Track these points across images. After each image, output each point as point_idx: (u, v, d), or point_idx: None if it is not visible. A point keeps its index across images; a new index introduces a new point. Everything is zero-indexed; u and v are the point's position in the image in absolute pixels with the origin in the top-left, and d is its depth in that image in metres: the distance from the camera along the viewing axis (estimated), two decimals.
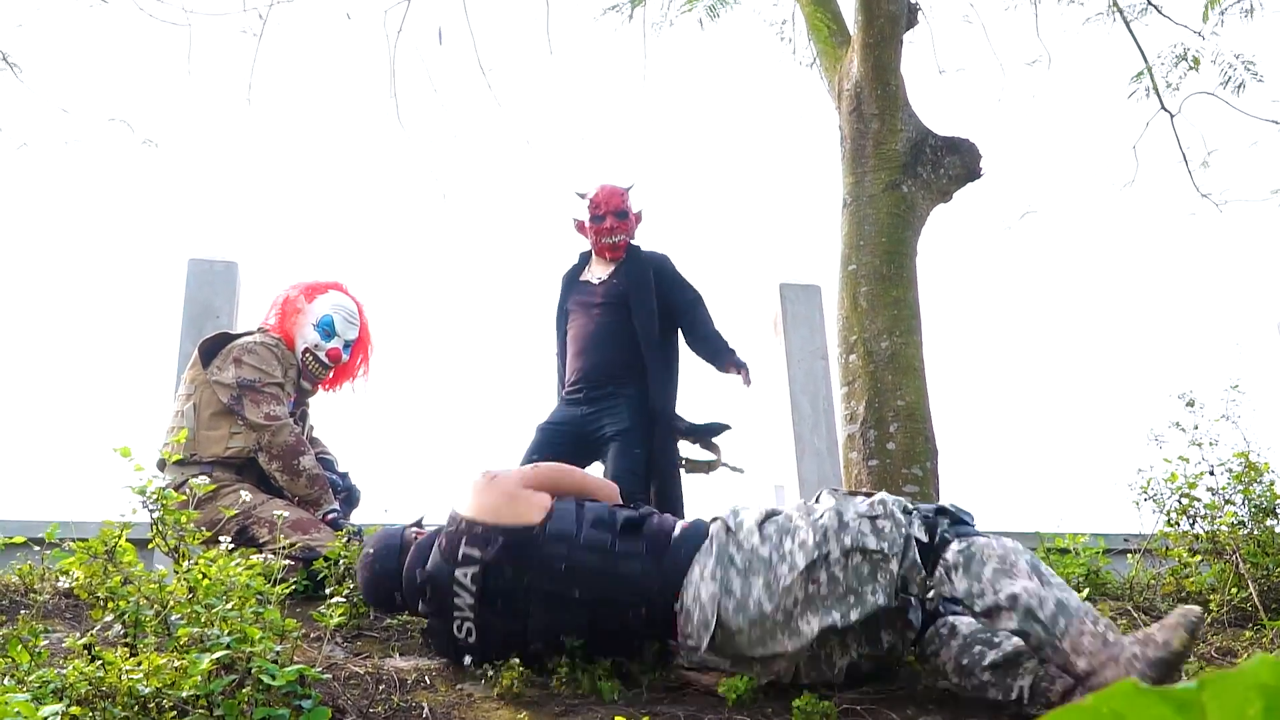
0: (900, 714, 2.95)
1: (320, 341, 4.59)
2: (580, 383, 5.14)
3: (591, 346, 5.18)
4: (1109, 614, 3.76)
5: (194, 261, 6.49)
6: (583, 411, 5.07)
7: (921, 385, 5.36)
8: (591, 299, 5.29)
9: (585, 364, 5.16)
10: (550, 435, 5.05)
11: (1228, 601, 3.86)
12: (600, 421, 5.03)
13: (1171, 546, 4.15)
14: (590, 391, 5.10)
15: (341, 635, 3.42)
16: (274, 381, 4.40)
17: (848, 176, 5.84)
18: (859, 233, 5.65)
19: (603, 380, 5.11)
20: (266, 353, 4.47)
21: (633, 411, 5.05)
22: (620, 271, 5.33)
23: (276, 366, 4.45)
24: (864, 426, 5.26)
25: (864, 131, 5.83)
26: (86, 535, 3.49)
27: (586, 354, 5.18)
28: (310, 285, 4.73)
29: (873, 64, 5.86)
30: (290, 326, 4.63)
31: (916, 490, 5.08)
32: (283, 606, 3.27)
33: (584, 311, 5.27)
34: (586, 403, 5.08)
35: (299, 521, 4.17)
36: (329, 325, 4.60)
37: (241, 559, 3.02)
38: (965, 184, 5.93)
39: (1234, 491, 4.00)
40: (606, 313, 5.23)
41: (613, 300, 5.25)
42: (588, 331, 5.22)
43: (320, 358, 4.59)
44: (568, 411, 5.14)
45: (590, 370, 5.14)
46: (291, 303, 4.67)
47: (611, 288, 5.29)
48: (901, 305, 5.47)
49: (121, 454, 3.08)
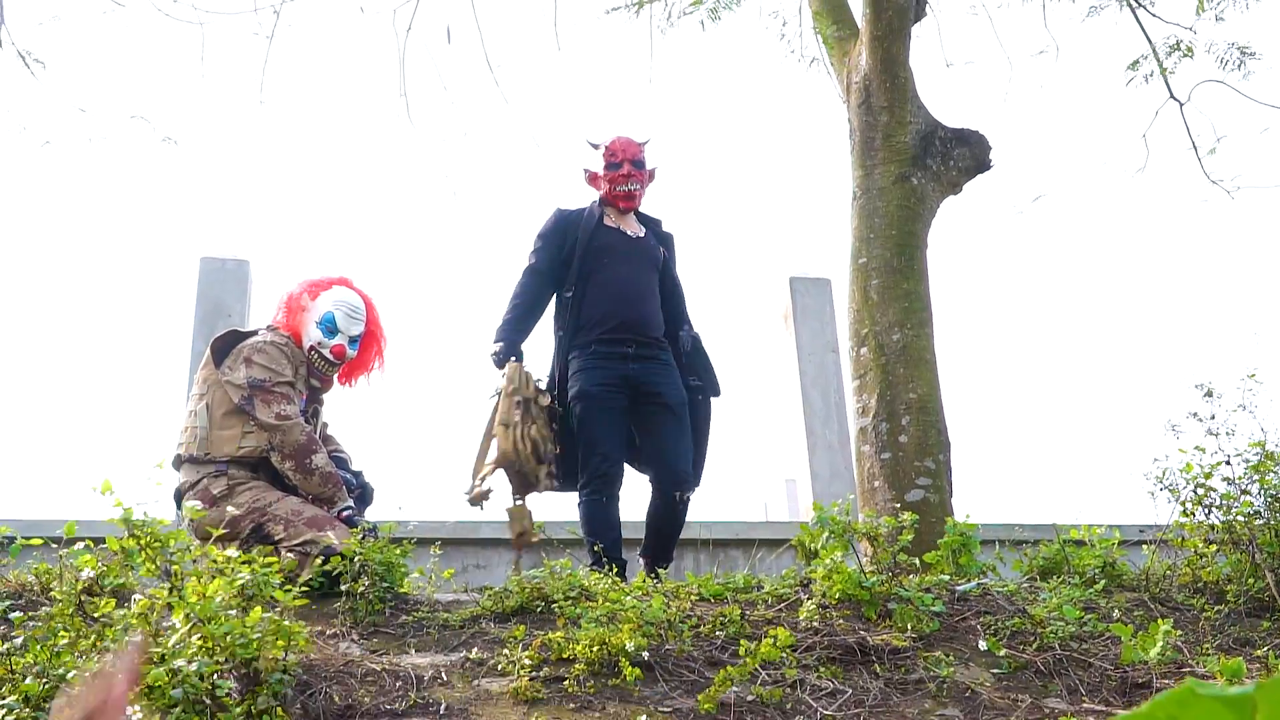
0: (918, 708, 2.96)
1: (323, 339, 4.57)
2: (626, 334, 4.78)
3: (636, 298, 4.86)
4: (1124, 605, 3.76)
5: (206, 259, 6.52)
6: (632, 369, 4.73)
7: (933, 378, 5.36)
8: (632, 249, 4.96)
9: (631, 315, 4.81)
10: (607, 402, 4.68)
11: (1244, 592, 3.85)
12: (653, 382, 4.74)
13: (1187, 537, 4.14)
14: (640, 349, 4.78)
15: (358, 632, 3.42)
16: (284, 380, 4.40)
17: (857, 169, 5.83)
18: (869, 225, 5.64)
19: (650, 338, 4.83)
20: (276, 351, 4.47)
21: (681, 382, 4.83)
22: (652, 232, 5.08)
23: (286, 365, 4.45)
24: (876, 419, 5.26)
25: (873, 124, 5.82)
26: (100, 534, 3.51)
27: (631, 305, 4.83)
28: (315, 282, 4.72)
29: (881, 57, 5.85)
30: (296, 324, 4.63)
31: (929, 483, 5.08)
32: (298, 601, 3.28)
33: (623, 260, 4.92)
34: (635, 360, 4.75)
35: (315, 519, 4.17)
36: (331, 322, 4.60)
37: (251, 561, 3.03)
38: (975, 175, 5.93)
39: (1250, 481, 3.99)
40: (647, 269, 4.95)
41: (652, 261, 4.98)
42: (629, 279, 4.88)
43: (325, 355, 4.58)
44: (612, 368, 4.73)
45: (638, 323, 4.81)
46: (296, 300, 4.67)
47: (649, 246, 5.02)
48: (912, 298, 5.46)
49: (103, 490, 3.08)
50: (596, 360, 4.73)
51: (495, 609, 3.57)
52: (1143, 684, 3.16)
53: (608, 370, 4.70)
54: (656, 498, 4.70)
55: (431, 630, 3.44)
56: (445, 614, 3.54)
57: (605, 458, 4.59)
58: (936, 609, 3.59)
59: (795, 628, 3.43)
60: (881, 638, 3.39)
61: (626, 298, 4.81)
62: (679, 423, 4.72)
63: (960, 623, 3.58)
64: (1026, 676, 3.25)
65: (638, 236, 4.99)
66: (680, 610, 3.44)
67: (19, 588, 3.59)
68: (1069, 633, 3.41)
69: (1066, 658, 3.32)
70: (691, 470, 4.71)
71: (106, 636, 2.80)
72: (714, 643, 3.34)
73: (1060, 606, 3.55)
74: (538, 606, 3.59)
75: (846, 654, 3.30)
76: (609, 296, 4.80)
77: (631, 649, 3.10)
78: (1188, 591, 4.00)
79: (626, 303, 4.80)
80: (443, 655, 3.30)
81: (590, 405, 4.67)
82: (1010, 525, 5.91)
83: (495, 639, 3.35)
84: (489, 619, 3.52)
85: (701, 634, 3.39)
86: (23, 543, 3.56)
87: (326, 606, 3.60)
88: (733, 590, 3.82)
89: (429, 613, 3.55)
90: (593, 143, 5.05)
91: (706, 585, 3.84)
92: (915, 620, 3.48)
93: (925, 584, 3.85)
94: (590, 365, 4.73)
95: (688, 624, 3.39)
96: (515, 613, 3.57)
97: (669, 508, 4.66)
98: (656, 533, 4.72)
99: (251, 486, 4.23)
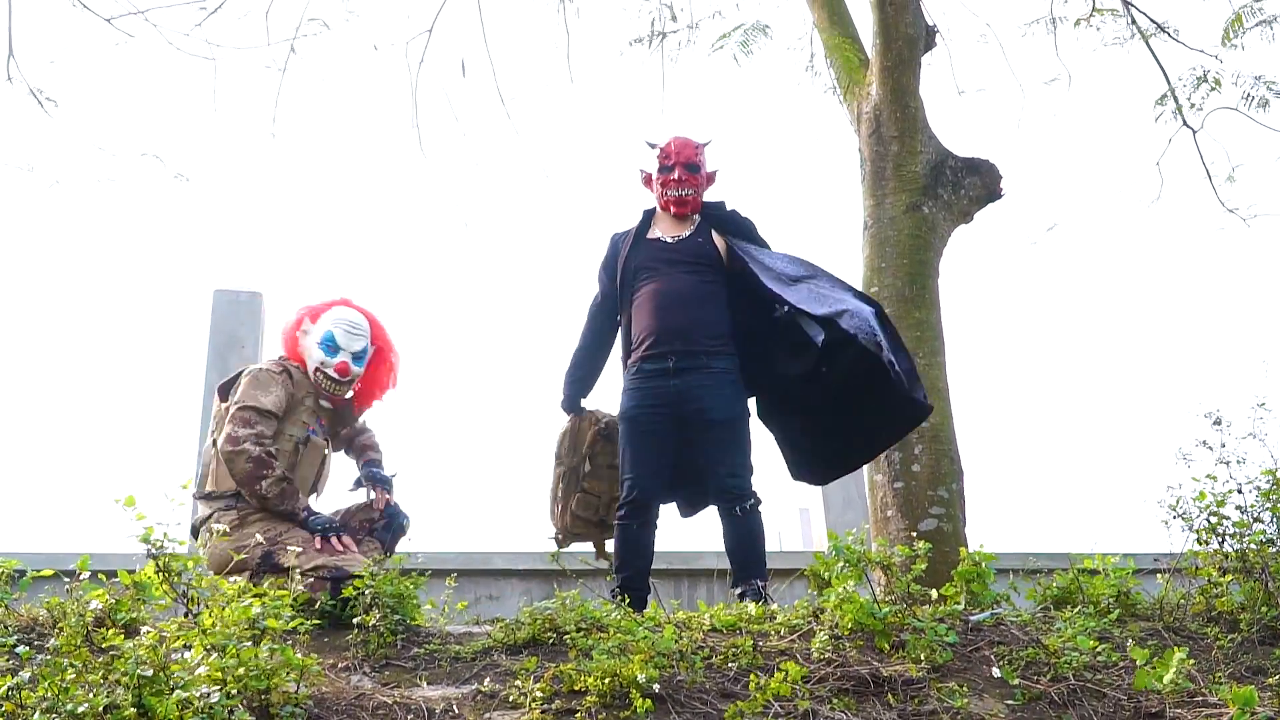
0: None
1: (326, 358, 4.57)
2: (664, 347, 4.61)
3: (676, 306, 4.65)
4: (1139, 634, 3.74)
5: (219, 292, 6.55)
6: (673, 385, 4.56)
7: (945, 406, 5.35)
8: (670, 255, 4.78)
9: (669, 325, 4.62)
10: (647, 426, 4.58)
11: (1258, 620, 3.83)
12: (698, 396, 4.55)
13: (1201, 565, 4.12)
14: (680, 360, 4.57)
15: (369, 665, 3.42)
16: (251, 406, 4.37)
17: (868, 199, 5.85)
18: (880, 255, 5.65)
19: (693, 347, 4.60)
20: (267, 376, 4.47)
21: (737, 393, 4.65)
22: (704, 229, 4.86)
23: (274, 389, 4.43)
24: (888, 448, 5.25)
25: (884, 154, 5.84)
26: (112, 567, 3.51)
27: (669, 314, 4.64)
28: (313, 307, 4.73)
29: (891, 87, 5.87)
30: (299, 351, 4.65)
31: (942, 512, 5.06)
32: (307, 638, 3.29)
33: (660, 270, 4.74)
34: (676, 374, 4.57)
35: (328, 545, 4.18)
36: (331, 340, 4.59)
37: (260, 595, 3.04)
38: (986, 204, 5.94)
39: (1262, 509, 3.97)
40: (691, 272, 4.73)
41: (697, 260, 4.77)
42: (670, 290, 4.69)
43: (329, 374, 4.57)
44: (652, 388, 4.60)
45: (677, 333, 4.61)
46: (296, 326, 4.69)
47: (696, 246, 4.80)
48: (924, 326, 5.47)
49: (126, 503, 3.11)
50: (639, 379, 4.66)
51: (507, 641, 3.56)
52: (1156, 713, 3.14)
53: (648, 390, 4.62)
54: (721, 518, 4.59)
55: (443, 663, 3.43)
56: (457, 646, 3.53)
57: (635, 484, 4.54)
58: (950, 639, 3.57)
59: (808, 658, 3.41)
60: (895, 668, 3.37)
61: (665, 308, 4.66)
62: (728, 435, 4.58)
63: (974, 653, 3.56)
64: (1040, 707, 3.23)
65: (679, 239, 4.83)
66: (692, 641, 3.43)
67: (29, 622, 3.59)
68: (1083, 663, 3.38)
69: (1081, 688, 3.29)
70: (747, 481, 4.56)
71: (116, 669, 2.80)
72: (726, 674, 3.32)
73: (1074, 636, 3.53)
74: (549, 638, 3.58)
75: (860, 685, 3.28)
76: (647, 311, 4.69)
77: (643, 680, 3.09)
78: (1202, 620, 3.97)
79: (665, 312, 4.65)
80: (454, 688, 3.30)
81: (628, 429, 4.63)
82: (1024, 554, 5.88)
83: (507, 671, 3.34)
84: (500, 651, 3.51)
85: (714, 665, 3.37)
86: (34, 575, 3.56)
87: (338, 639, 3.60)
88: (745, 620, 3.80)
89: (440, 645, 3.55)
90: (650, 143, 4.94)
91: (719, 615, 3.82)
92: (929, 651, 3.46)
93: (939, 614, 3.83)
94: (632, 386, 4.68)
95: (700, 655, 3.37)
96: (527, 645, 3.56)
97: (733, 524, 4.52)
98: (731, 554, 4.56)
99: (262, 517, 4.24)
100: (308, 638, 3.47)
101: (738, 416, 4.63)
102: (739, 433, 4.62)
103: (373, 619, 3.52)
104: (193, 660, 2.84)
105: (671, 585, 6.29)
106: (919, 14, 6.02)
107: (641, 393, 4.64)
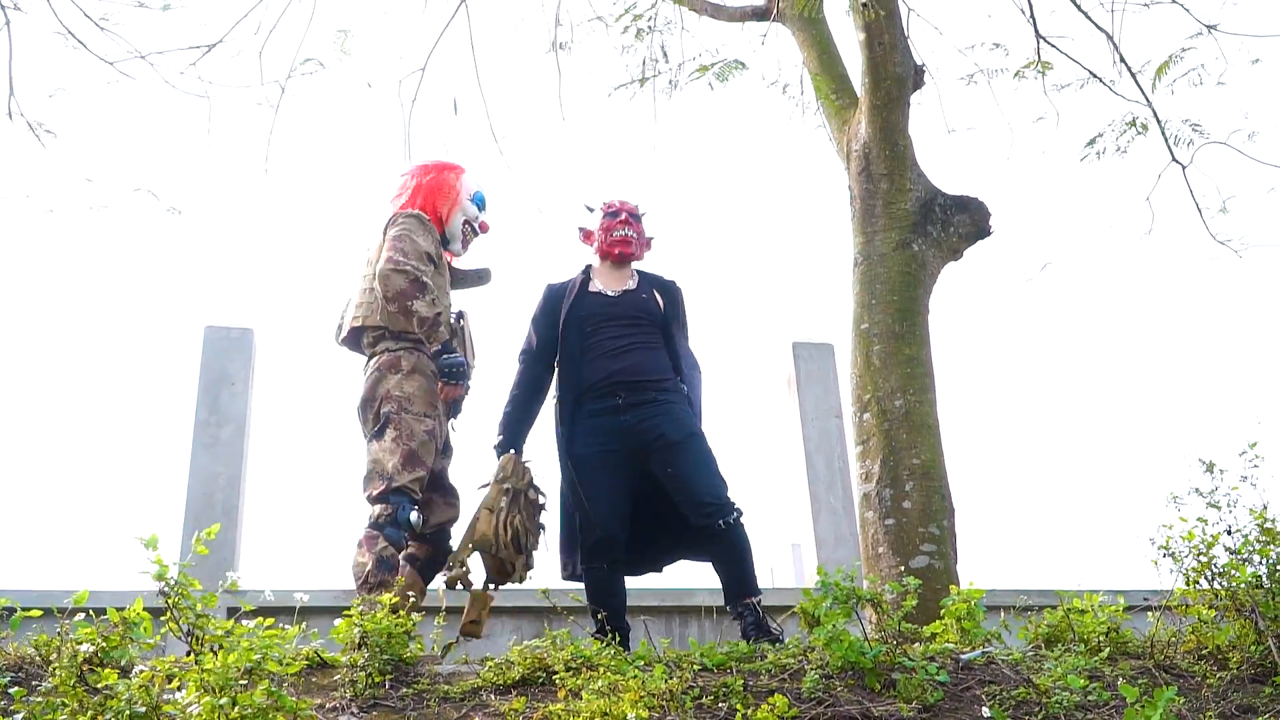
0: None
1: (479, 214, 5.00)
2: (614, 386, 4.69)
3: (621, 353, 4.75)
4: (1129, 672, 3.73)
5: (210, 328, 6.54)
6: (624, 421, 4.64)
7: (936, 443, 5.36)
8: (611, 310, 4.87)
9: (614, 368, 4.70)
10: (599, 462, 4.62)
11: (1247, 658, 3.83)
12: (654, 424, 4.61)
13: (1191, 604, 4.12)
14: (629, 397, 4.66)
15: (357, 705, 3.40)
16: (412, 240, 4.69)
17: (858, 236, 5.88)
18: (870, 291, 5.68)
19: (643, 384, 4.69)
20: (423, 224, 4.78)
21: (690, 414, 4.73)
22: (645, 285, 4.97)
23: (430, 238, 4.78)
24: (879, 485, 5.26)
25: (873, 191, 5.88)
26: (101, 605, 3.50)
27: (614, 359, 4.73)
28: (440, 164, 5.02)
29: (880, 125, 5.91)
30: (447, 201, 4.95)
31: (934, 549, 5.06)
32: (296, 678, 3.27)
33: (603, 321, 4.83)
34: (625, 410, 4.65)
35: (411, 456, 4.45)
36: (481, 200, 5.02)
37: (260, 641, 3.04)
38: (975, 242, 5.97)
39: (1251, 550, 3.98)
40: (633, 325, 4.83)
41: (639, 314, 4.87)
42: (614, 337, 4.78)
43: (476, 228, 4.99)
44: (604, 424, 4.67)
45: (624, 372, 4.70)
46: (443, 174, 4.98)
47: (638, 301, 4.91)
48: (915, 363, 5.48)
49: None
50: (587, 419, 4.70)
51: (496, 681, 3.54)
52: None
53: (597, 426, 4.67)
54: (703, 539, 4.57)
55: (432, 703, 3.41)
56: (445, 686, 3.52)
57: (597, 522, 4.54)
58: (941, 678, 3.56)
59: (798, 698, 3.40)
60: (886, 708, 3.36)
61: (609, 354, 4.74)
62: (692, 453, 4.61)
63: (964, 692, 3.55)
64: None
65: (623, 292, 4.93)
66: (683, 680, 3.42)
67: (18, 660, 3.57)
68: (1073, 702, 3.38)
69: None
70: (725, 492, 4.56)
71: (109, 709, 2.79)
72: (717, 714, 3.31)
73: (1065, 675, 3.53)
74: (539, 678, 3.57)
75: None
76: (592, 359, 4.76)
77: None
78: (1191, 658, 3.97)
79: (610, 359, 4.73)
80: None
81: (580, 470, 4.64)
82: (1015, 591, 5.87)
83: (496, 712, 3.32)
84: (490, 691, 3.50)
85: (704, 705, 3.36)
86: (23, 614, 3.54)
87: (325, 678, 3.58)
88: (736, 659, 3.79)
89: (429, 685, 3.53)
90: (589, 206, 5.11)
91: (709, 654, 3.81)
92: (919, 690, 3.45)
93: (929, 653, 3.82)
94: (581, 429, 4.70)
95: (690, 695, 3.36)
96: (516, 684, 3.54)
97: (717, 540, 4.52)
98: (721, 573, 4.57)
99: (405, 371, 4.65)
100: (297, 678, 3.45)
101: (697, 433, 4.68)
102: (703, 448, 4.65)
103: (360, 658, 3.51)
104: (186, 700, 2.83)
105: (662, 623, 6.26)
106: (907, 53, 6.07)
107: (592, 431, 4.68)
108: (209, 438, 6.26)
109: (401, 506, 4.37)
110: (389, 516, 4.35)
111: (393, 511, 4.35)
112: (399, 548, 4.36)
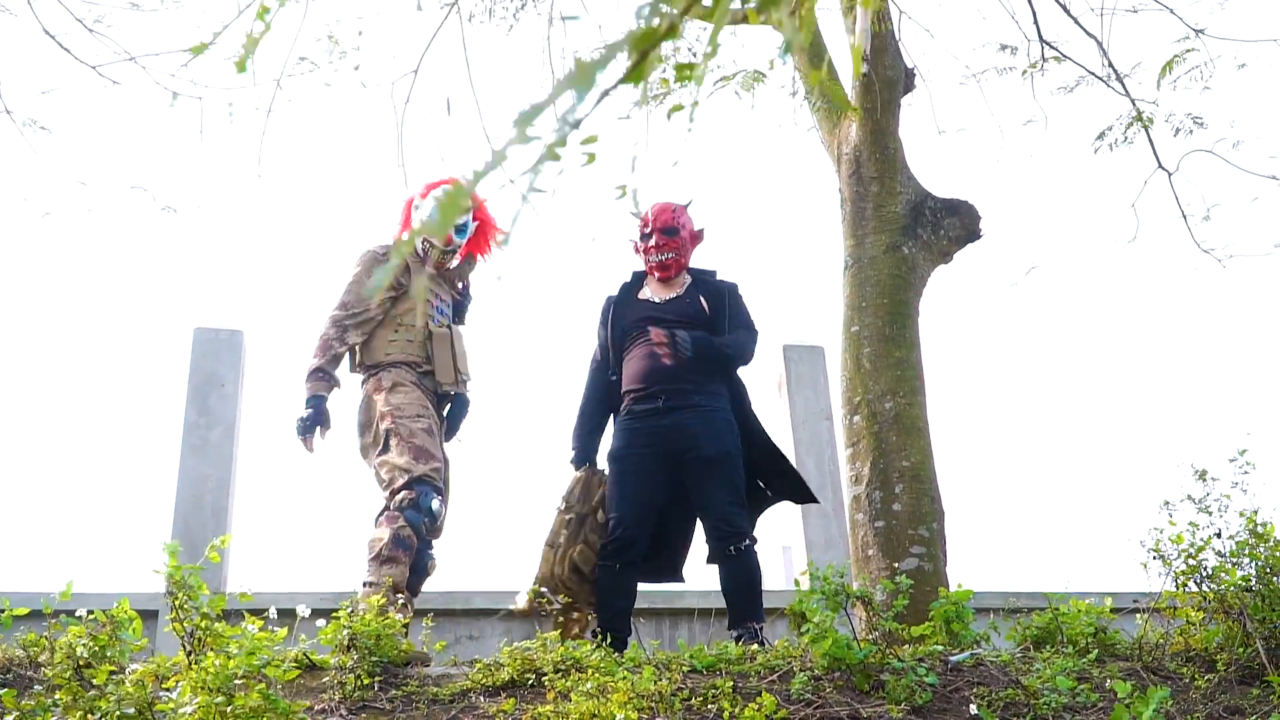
0: None
1: None
2: (654, 389, 4.71)
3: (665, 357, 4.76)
4: (1117, 674, 3.74)
5: (199, 330, 6.53)
6: (664, 424, 4.65)
7: (926, 446, 5.36)
8: (657, 314, 4.88)
9: (658, 370, 4.71)
10: (634, 465, 4.65)
11: (1235, 660, 3.84)
12: (691, 433, 4.62)
13: (1179, 606, 4.13)
14: (670, 400, 4.67)
15: (346, 707, 3.40)
16: None
17: (848, 239, 5.88)
18: (861, 294, 5.68)
19: (684, 387, 4.70)
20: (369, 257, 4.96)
21: (729, 428, 4.72)
22: (692, 292, 4.97)
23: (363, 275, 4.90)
24: (869, 487, 5.26)
25: (864, 194, 5.88)
26: (91, 605, 3.49)
27: (658, 361, 4.74)
28: (428, 184, 5.10)
29: (871, 129, 5.92)
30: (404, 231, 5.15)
31: (923, 551, 5.06)
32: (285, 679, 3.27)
33: (648, 325, 4.85)
34: (666, 413, 4.66)
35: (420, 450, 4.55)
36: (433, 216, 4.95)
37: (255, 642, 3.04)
38: (965, 245, 5.98)
39: (1241, 555, 3.99)
40: (677, 326, 4.82)
41: (684, 319, 4.86)
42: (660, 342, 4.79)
43: (434, 243, 5.02)
44: (643, 428, 4.69)
45: (668, 377, 4.70)
46: (409, 205, 5.11)
47: (684, 307, 4.91)
48: (905, 366, 5.49)
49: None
50: (629, 420, 4.76)
51: (485, 683, 3.54)
52: None
53: (638, 429, 4.71)
54: (715, 559, 4.62)
55: (420, 705, 3.41)
56: (434, 688, 3.51)
57: (620, 522, 4.59)
58: (930, 680, 3.57)
59: (787, 699, 3.40)
60: (875, 709, 3.37)
61: (653, 356, 4.76)
62: (721, 473, 4.63)
63: (954, 693, 3.56)
64: None
65: (669, 299, 4.95)
66: (672, 682, 3.42)
67: (6, 661, 3.56)
68: (1062, 703, 3.39)
69: None
70: (742, 519, 4.60)
71: (98, 709, 2.79)
72: (705, 715, 3.31)
73: (1053, 677, 3.53)
74: (528, 679, 3.57)
75: None
76: (637, 362, 4.80)
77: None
78: (1180, 660, 3.98)
79: (654, 360, 4.75)
80: None
81: (616, 469, 4.71)
82: (1005, 593, 5.88)
83: (485, 714, 3.32)
84: (479, 693, 3.50)
85: (693, 707, 3.36)
86: (11, 613, 3.53)
87: (315, 680, 3.58)
88: (725, 661, 3.79)
89: (418, 687, 3.53)
90: (634, 213, 5.06)
91: (699, 656, 3.82)
92: (908, 692, 3.46)
93: (919, 654, 3.82)
94: (623, 428, 4.78)
95: (679, 696, 3.36)
96: (505, 686, 3.54)
97: (728, 564, 4.56)
98: (728, 595, 4.60)
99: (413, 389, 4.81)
100: (286, 679, 3.45)
101: (731, 451, 4.68)
102: (731, 469, 4.66)
103: (350, 660, 3.50)
104: (180, 700, 2.83)
105: (652, 625, 6.27)
106: (898, 56, 6.08)
107: (631, 433, 4.72)
108: (198, 439, 6.26)
109: (424, 494, 4.47)
110: (411, 501, 4.44)
111: (416, 497, 4.45)
112: (417, 533, 4.43)
